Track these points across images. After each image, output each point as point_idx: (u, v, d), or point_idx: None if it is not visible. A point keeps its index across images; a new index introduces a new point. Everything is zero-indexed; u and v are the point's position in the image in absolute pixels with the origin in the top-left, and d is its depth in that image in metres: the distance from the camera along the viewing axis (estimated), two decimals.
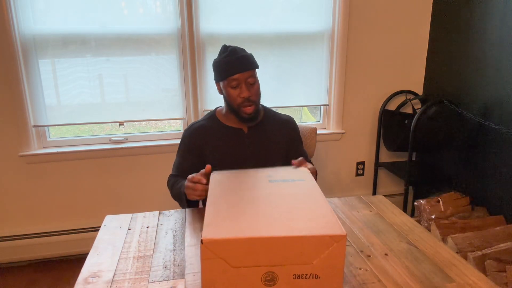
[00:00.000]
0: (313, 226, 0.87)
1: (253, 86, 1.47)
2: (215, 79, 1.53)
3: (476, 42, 2.20)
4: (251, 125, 1.55)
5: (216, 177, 1.16)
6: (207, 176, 1.27)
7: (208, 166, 1.28)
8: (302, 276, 0.86)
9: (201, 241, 0.82)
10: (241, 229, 0.86)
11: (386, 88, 2.61)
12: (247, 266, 0.84)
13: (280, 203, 0.99)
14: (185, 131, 1.59)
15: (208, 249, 0.82)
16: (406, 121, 2.43)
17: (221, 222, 0.89)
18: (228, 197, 1.03)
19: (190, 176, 1.31)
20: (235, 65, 1.43)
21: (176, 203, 2.44)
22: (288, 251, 0.84)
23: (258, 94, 1.50)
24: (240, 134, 1.54)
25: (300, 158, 1.32)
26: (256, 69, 1.51)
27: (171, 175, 1.58)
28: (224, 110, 1.57)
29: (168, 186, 1.57)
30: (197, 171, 1.47)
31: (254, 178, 1.15)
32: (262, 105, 1.64)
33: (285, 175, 1.18)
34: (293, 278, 0.86)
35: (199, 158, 1.54)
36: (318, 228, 0.86)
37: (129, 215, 1.39)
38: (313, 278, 0.86)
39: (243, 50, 1.48)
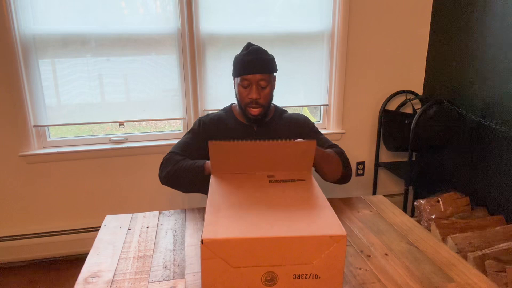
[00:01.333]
0: (313, 226, 0.87)
1: (264, 89, 1.47)
2: (232, 74, 1.55)
3: (476, 42, 2.20)
4: (258, 124, 1.56)
5: (216, 177, 1.16)
6: None
7: None
8: (302, 276, 0.86)
9: (201, 241, 0.82)
10: (241, 229, 0.86)
11: (386, 88, 2.61)
12: (247, 266, 0.84)
13: (280, 203, 0.99)
14: (201, 117, 1.61)
15: (208, 249, 0.82)
16: (406, 121, 2.43)
17: (221, 222, 0.89)
18: (228, 197, 1.03)
19: None
20: (250, 66, 1.44)
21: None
22: (288, 251, 0.84)
23: (267, 98, 1.50)
24: (249, 131, 1.56)
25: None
26: (275, 73, 1.51)
27: (172, 153, 1.49)
28: (237, 106, 1.59)
29: (167, 162, 1.46)
30: (203, 156, 1.47)
31: (255, 179, 1.15)
32: (274, 104, 1.64)
33: (285, 176, 1.18)
34: (293, 278, 0.86)
35: (206, 145, 1.54)
36: (318, 228, 0.86)
37: (129, 215, 1.39)
38: (313, 278, 0.86)
39: (264, 52, 1.48)
